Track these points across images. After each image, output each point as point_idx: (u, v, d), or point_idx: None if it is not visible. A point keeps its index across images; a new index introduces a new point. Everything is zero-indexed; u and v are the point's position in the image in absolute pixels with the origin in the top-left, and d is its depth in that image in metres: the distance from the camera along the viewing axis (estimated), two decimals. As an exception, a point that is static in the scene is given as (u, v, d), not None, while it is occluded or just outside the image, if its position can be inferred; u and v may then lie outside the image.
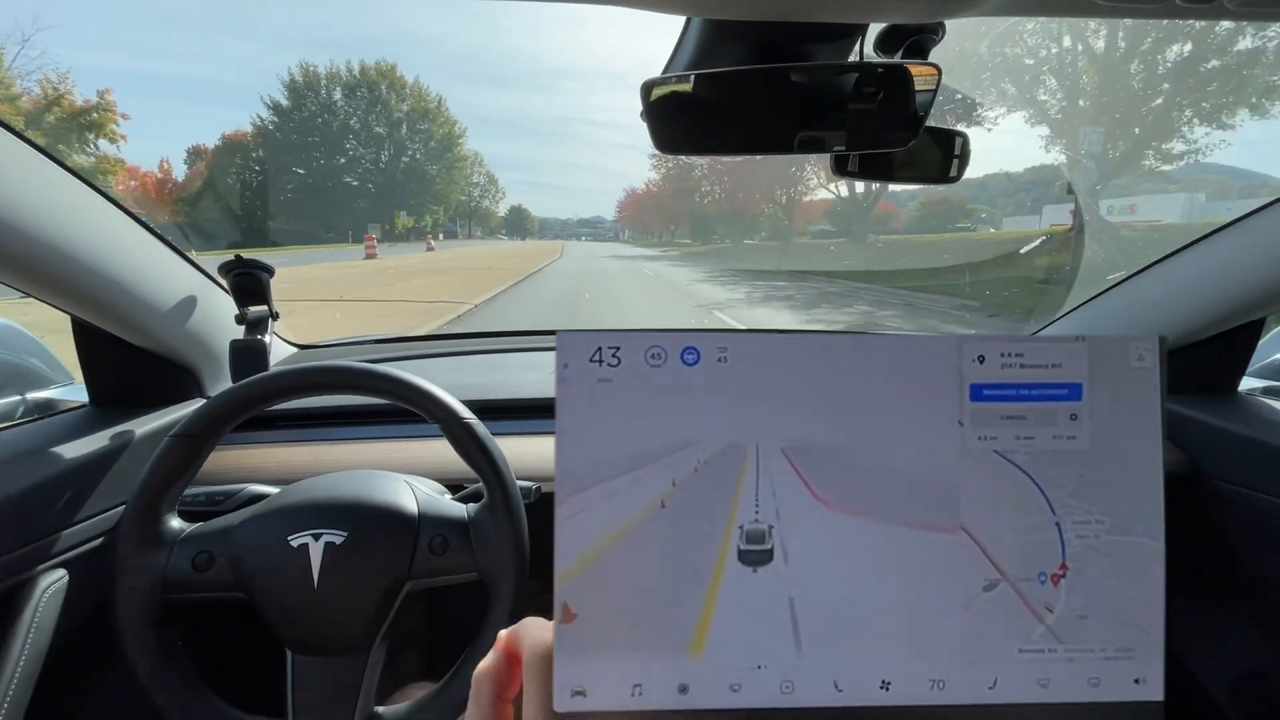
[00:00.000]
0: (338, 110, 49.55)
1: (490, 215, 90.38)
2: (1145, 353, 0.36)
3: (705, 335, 0.35)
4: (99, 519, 0.73)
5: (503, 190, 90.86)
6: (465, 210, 79.88)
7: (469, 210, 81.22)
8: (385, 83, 51.04)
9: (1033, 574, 0.36)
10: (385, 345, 1.31)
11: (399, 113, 52.60)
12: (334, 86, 48.78)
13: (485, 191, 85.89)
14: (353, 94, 49.66)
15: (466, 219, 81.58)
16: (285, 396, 0.63)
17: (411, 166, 55.06)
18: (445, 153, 56.67)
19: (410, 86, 52.77)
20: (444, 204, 59.25)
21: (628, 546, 0.34)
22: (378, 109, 51.51)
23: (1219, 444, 0.86)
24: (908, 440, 0.36)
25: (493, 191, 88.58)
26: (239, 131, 46.38)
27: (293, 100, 47.48)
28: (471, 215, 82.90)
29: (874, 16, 0.50)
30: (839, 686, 0.35)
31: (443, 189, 57.91)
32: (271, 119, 47.24)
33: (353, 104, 50.20)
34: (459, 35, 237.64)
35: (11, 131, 0.61)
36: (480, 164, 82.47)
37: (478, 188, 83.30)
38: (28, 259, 0.63)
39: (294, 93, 47.33)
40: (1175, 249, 0.90)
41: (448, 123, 56.44)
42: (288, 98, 47.21)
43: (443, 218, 63.70)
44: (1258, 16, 0.44)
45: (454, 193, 60.33)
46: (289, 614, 0.59)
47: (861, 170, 0.68)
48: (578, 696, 0.34)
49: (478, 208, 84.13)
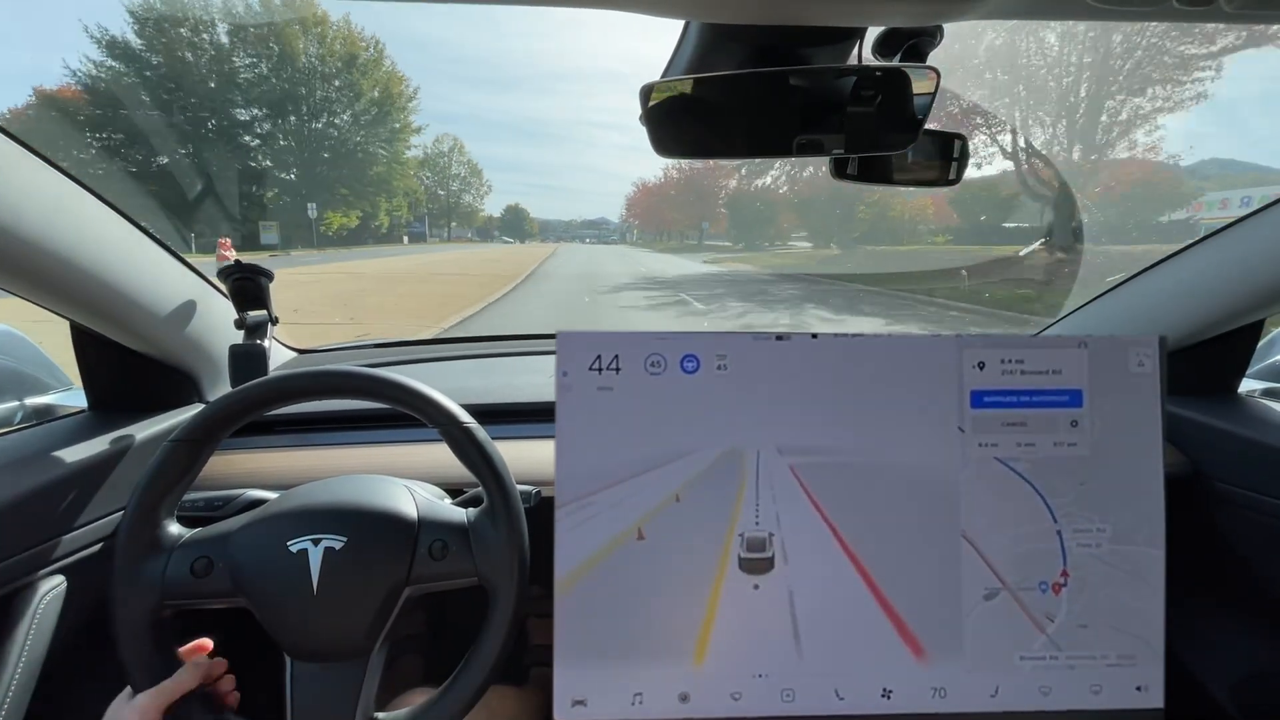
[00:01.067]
0: (218, 54, 31.12)
1: (474, 214, 78.40)
2: (1145, 358, 0.36)
3: (705, 340, 0.35)
4: (97, 525, 0.73)
5: (488, 184, 77.79)
6: (442, 207, 71.26)
7: (446, 208, 71.82)
8: (293, 19, 32.37)
9: (1034, 583, 0.36)
10: (384, 350, 1.31)
11: (312, 60, 33.80)
12: (209, 26, 30.35)
13: (467, 185, 73.95)
14: (242, 34, 31.40)
15: (444, 218, 72.05)
16: (284, 401, 0.63)
17: (333, 139, 35.51)
18: (383, 120, 36.78)
19: (336, 27, 33.94)
20: (387, 193, 39.44)
21: (627, 555, 0.34)
22: (277, 55, 32.59)
23: (1219, 445, 0.86)
24: (908, 446, 0.35)
25: (476, 185, 75.71)
26: (65, 87, 26.96)
27: (147, 39, 28.37)
28: (450, 214, 72.55)
29: (872, 20, 0.50)
30: (840, 695, 0.35)
31: (383, 173, 38.39)
32: (111, 67, 27.52)
33: (243, 47, 31.95)
34: (460, 39, 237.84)
35: (10, 137, 0.61)
36: (461, 152, 72.12)
37: (457, 180, 72.18)
38: (27, 264, 0.63)
39: (147, 29, 28.48)
40: (1175, 250, 0.90)
41: (390, 80, 36.90)
42: (138, 35, 27.93)
43: (405, 214, 48.47)
44: (1256, 18, 0.44)
45: (397, 177, 39.88)
46: (288, 619, 0.58)
47: (861, 173, 0.68)
48: (578, 706, 0.34)
49: (457, 204, 72.96)
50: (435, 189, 70.42)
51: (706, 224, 63.89)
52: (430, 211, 68.76)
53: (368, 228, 41.07)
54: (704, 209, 62.82)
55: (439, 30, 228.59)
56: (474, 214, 78.52)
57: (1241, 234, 0.81)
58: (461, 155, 73.26)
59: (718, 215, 62.28)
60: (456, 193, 73.37)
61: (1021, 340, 0.36)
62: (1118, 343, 0.35)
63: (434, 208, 70.13)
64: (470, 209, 76.66)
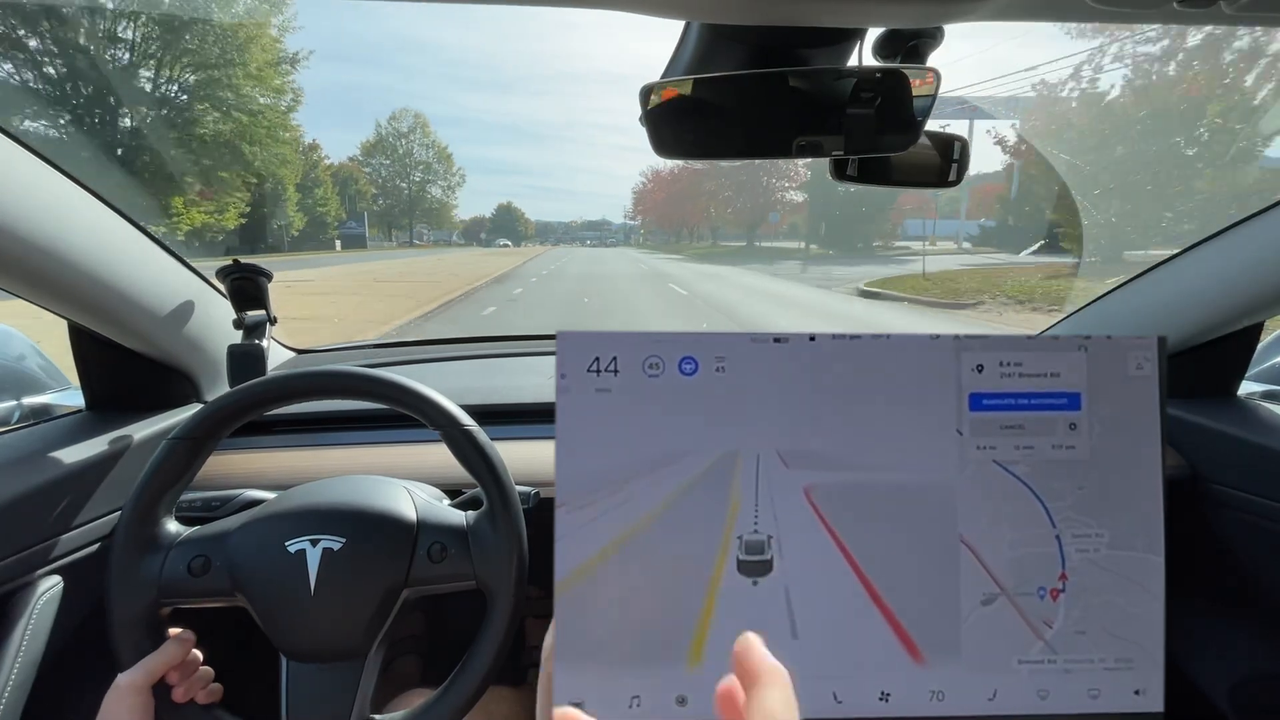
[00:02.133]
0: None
1: (444, 210, 60.98)
2: (1145, 360, 0.36)
3: (703, 341, 0.35)
4: (95, 525, 0.72)
5: (460, 173, 59.26)
6: (402, 203, 56.49)
7: (408, 203, 56.94)
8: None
9: (1032, 588, 0.36)
10: (384, 350, 1.31)
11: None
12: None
13: (433, 174, 57.61)
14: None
15: (406, 217, 57.94)
16: (283, 401, 0.63)
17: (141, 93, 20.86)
18: (235, 60, 22.05)
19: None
20: (257, 173, 23.95)
21: (626, 558, 0.34)
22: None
23: (1218, 448, 0.86)
24: (906, 448, 0.35)
25: (445, 174, 58.34)
26: None
27: None
28: (412, 210, 57.73)
29: (872, 21, 0.50)
30: (838, 698, 0.35)
31: (237, 135, 22.39)
32: None
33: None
34: (458, 41, 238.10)
35: (9, 136, 0.61)
36: (425, 132, 56.66)
37: (421, 168, 56.56)
38: (25, 263, 0.63)
39: None
40: (1175, 253, 0.90)
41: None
42: None
43: (332, 211, 35.99)
44: (1257, 20, 0.44)
45: (270, 143, 23.27)
46: (285, 620, 0.58)
47: (861, 175, 0.68)
48: (576, 708, 0.34)
49: (419, 197, 57.42)
50: (394, 179, 56.57)
51: (776, 214, 46.53)
52: (386, 209, 56.18)
53: (263, 229, 27.88)
54: (759, 197, 45.79)
55: (437, 33, 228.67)
56: (443, 211, 61.16)
57: (1241, 236, 0.81)
58: (426, 137, 57.16)
59: (779, 204, 46.88)
60: (420, 183, 57.63)
61: (1020, 342, 0.36)
62: (1117, 345, 0.35)
63: (390, 204, 56.74)
64: (438, 205, 59.58)
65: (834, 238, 31.93)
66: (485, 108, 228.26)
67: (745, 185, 47.31)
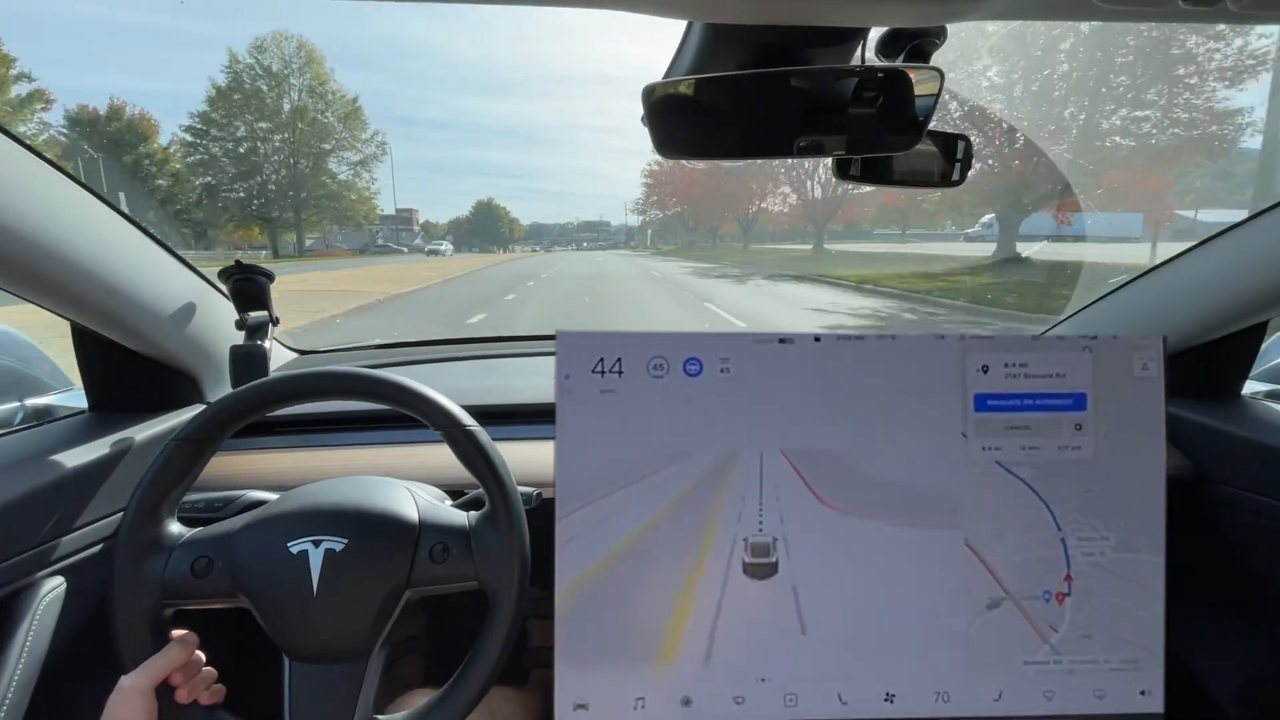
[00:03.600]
0: None
1: (358, 202, 36.49)
2: (1149, 361, 0.36)
3: (708, 342, 0.34)
4: (97, 525, 0.73)
5: (381, 143, 36.60)
6: (274, 191, 33.76)
7: (282, 190, 33.97)
8: None
9: (1037, 592, 0.36)
10: (386, 350, 1.31)
11: None
12: None
13: (330, 141, 34.72)
14: None
15: (282, 209, 34.50)
16: (286, 402, 0.63)
17: None
18: None
19: None
20: None
21: (629, 560, 0.33)
22: None
23: (1222, 447, 0.85)
24: (912, 450, 0.35)
25: (352, 142, 35.28)
26: None
27: None
28: (296, 197, 34.16)
29: (875, 20, 0.50)
30: (843, 699, 0.35)
31: None
32: None
33: None
34: (455, 46, 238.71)
35: (11, 137, 0.61)
36: (319, 74, 33.96)
37: (313, 129, 33.63)
38: (27, 265, 0.63)
39: None
40: (1178, 252, 0.90)
41: None
42: None
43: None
44: (1262, 18, 0.43)
45: None
46: (287, 620, 0.58)
47: (864, 174, 0.68)
48: (580, 710, 0.33)
49: (305, 179, 34.36)
50: (267, 151, 33.73)
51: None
52: (240, 201, 33.37)
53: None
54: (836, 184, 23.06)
55: (435, 37, 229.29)
56: (353, 202, 36.31)
57: (1244, 235, 0.80)
58: (320, 83, 34.10)
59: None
60: (312, 155, 34.40)
61: (1025, 342, 0.36)
62: (1121, 345, 0.35)
63: (254, 191, 33.69)
64: (342, 191, 35.72)
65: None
66: (481, 110, 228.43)
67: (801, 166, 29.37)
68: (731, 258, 29.67)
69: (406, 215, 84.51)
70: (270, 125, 34.11)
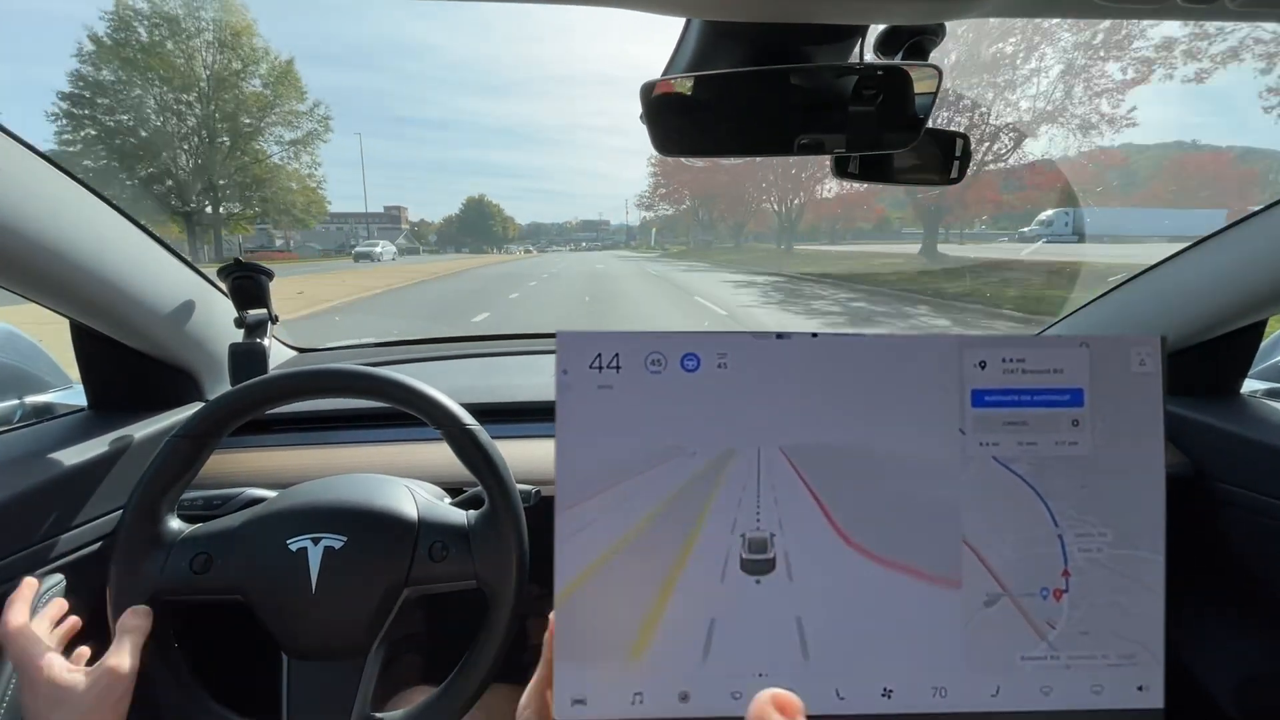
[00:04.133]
0: None
1: (304, 198, 27.28)
2: (1147, 358, 0.36)
3: (705, 339, 0.35)
4: (97, 523, 0.73)
5: (322, 116, 25.81)
6: (185, 180, 23.58)
7: (193, 176, 24.11)
8: None
9: (1035, 589, 0.36)
10: (386, 349, 1.31)
11: None
12: None
13: (253, 109, 25.39)
14: None
15: (194, 201, 23.76)
16: (285, 399, 0.63)
17: None
18: None
19: None
20: None
21: (628, 557, 0.34)
22: None
23: (1221, 446, 0.85)
24: (910, 446, 0.35)
25: (285, 115, 25.70)
26: None
27: None
28: (207, 190, 24.52)
29: (874, 18, 0.50)
30: (840, 695, 0.35)
31: None
32: None
33: None
34: (451, 44, 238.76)
35: (11, 136, 0.61)
36: (230, 7, 24.19)
37: (226, 78, 24.19)
38: (27, 263, 0.63)
39: None
40: (1177, 250, 0.90)
41: None
42: None
43: None
44: (1260, 16, 0.43)
45: None
46: (286, 618, 0.58)
47: (862, 172, 0.68)
48: (578, 705, 0.34)
49: (223, 164, 24.91)
50: (193, 124, 25.25)
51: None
52: (153, 183, 24.25)
53: None
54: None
55: (435, 37, 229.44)
56: (295, 192, 27.34)
57: (1244, 233, 0.80)
58: (238, 35, 25.23)
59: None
60: (231, 131, 25.62)
61: (1023, 340, 0.36)
62: (1119, 342, 0.35)
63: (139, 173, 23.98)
64: (272, 177, 26.55)
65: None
66: (481, 110, 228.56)
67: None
68: (769, 261, 23.28)
69: (395, 213, 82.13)
70: (168, 89, 24.28)
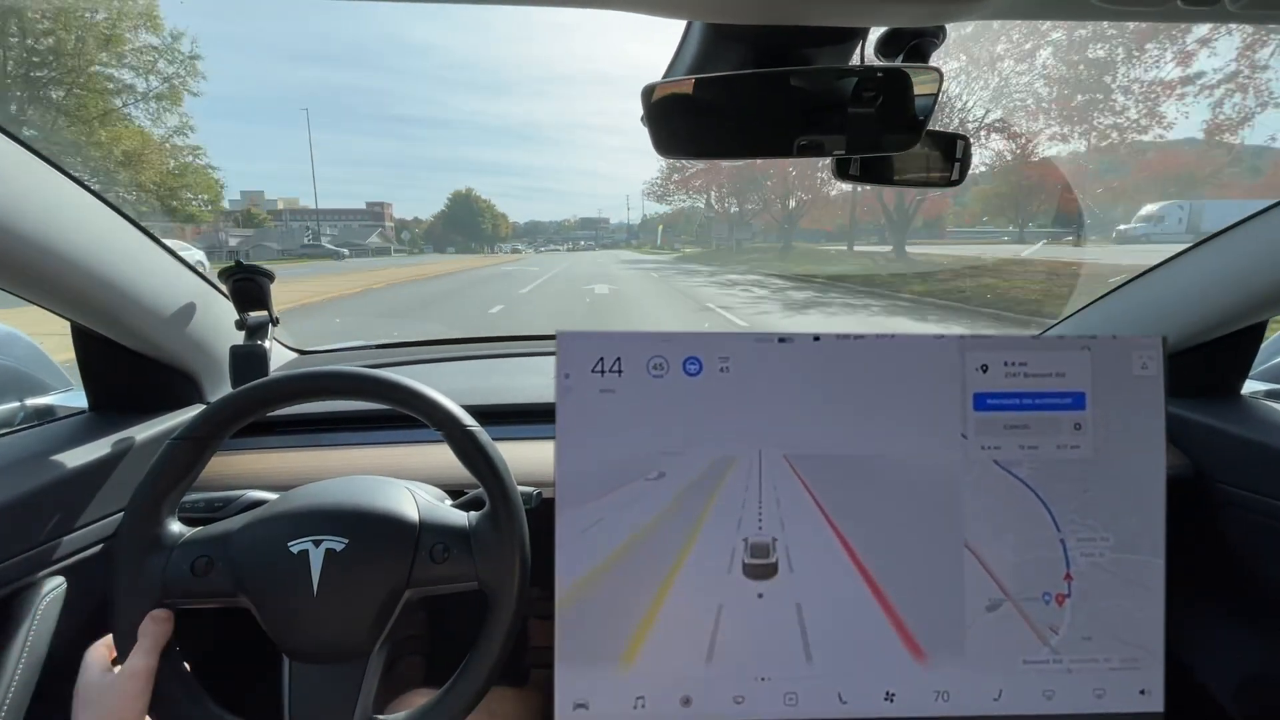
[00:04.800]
0: None
1: (178, 181, 17.86)
2: (1149, 360, 0.36)
3: (707, 341, 0.34)
4: (98, 525, 0.73)
5: (190, 60, 16.04)
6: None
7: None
8: None
9: (1037, 593, 0.36)
10: (386, 350, 1.31)
11: None
12: None
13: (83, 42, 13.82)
14: None
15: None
16: (286, 401, 0.63)
17: None
18: None
19: None
20: None
21: (629, 559, 0.34)
22: None
23: (1222, 447, 0.85)
24: (911, 449, 0.35)
25: (126, 48, 14.68)
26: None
27: None
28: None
29: (874, 20, 0.50)
30: (843, 698, 0.35)
31: None
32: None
33: None
34: (455, 45, 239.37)
35: (11, 136, 0.61)
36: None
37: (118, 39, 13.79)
38: (27, 265, 0.63)
39: None
40: (1178, 251, 0.90)
41: None
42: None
43: None
44: (1260, 18, 0.43)
45: None
46: (287, 620, 0.58)
47: (863, 174, 0.68)
48: (580, 710, 0.34)
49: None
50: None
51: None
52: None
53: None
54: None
55: (436, 37, 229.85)
56: (165, 171, 17.01)
57: (1244, 234, 0.80)
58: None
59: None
60: (29, 79, 14.28)
61: (1024, 342, 0.36)
62: (1121, 344, 0.35)
63: None
64: (114, 144, 15.40)
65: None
66: (481, 110, 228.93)
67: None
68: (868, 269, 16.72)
69: (378, 210, 78.91)
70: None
